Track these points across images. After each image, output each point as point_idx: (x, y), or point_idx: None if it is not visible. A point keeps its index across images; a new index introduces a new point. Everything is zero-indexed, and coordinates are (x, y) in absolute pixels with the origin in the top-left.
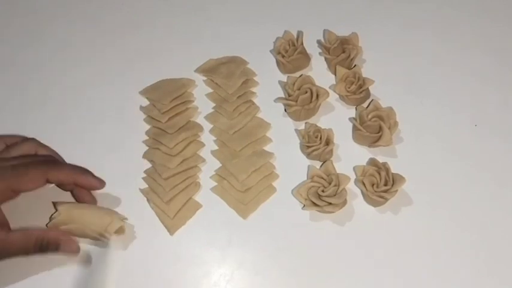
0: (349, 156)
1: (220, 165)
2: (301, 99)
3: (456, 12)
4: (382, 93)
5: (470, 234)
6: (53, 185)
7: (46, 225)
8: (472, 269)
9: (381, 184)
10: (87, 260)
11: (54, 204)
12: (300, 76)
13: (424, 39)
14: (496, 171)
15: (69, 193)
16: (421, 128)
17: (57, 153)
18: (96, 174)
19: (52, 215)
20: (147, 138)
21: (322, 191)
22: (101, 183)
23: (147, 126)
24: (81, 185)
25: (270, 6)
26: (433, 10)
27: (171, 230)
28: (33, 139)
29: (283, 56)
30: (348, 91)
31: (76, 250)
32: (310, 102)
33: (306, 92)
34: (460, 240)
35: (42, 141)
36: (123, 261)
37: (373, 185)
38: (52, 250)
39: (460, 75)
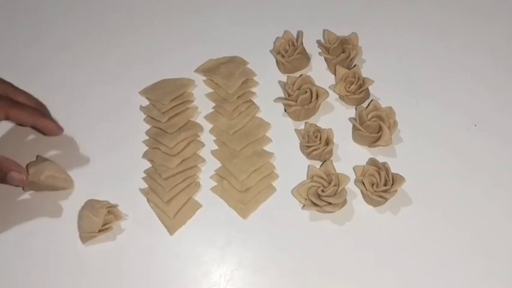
0: (349, 156)
1: (220, 165)
2: (301, 99)
3: (456, 13)
4: (381, 93)
5: (469, 234)
6: None
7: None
8: (471, 269)
9: (380, 184)
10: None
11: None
12: (300, 76)
13: (424, 39)
14: (496, 171)
15: None
16: (421, 128)
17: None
18: (96, 174)
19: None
20: (147, 138)
21: (322, 190)
22: (59, 129)
23: (147, 126)
24: (40, 128)
25: (270, 6)
26: (433, 10)
27: (171, 230)
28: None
29: (283, 56)
30: (347, 91)
31: (24, 183)
32: (310, 102)
33: (306, 92)
34: (459, 239)
35: (42, 142)
36: (123, 261)
37: (372, 185)
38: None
39: (459, 75)
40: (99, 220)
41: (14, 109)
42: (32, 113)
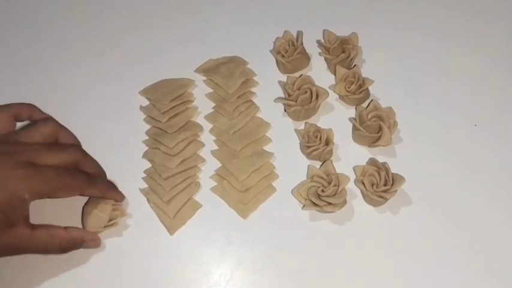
0: (349, 156)
1: (220, 165)
2: (301, 99)
3: (456, 13)
4: (381, 93)
5: (469, 234)
6: None
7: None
8: (471, 269)
9: (380, 184)
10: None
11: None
12: (300, 76)
13: (424, 39)
14: (496, 171)
15: None
16: (421, 128)
17: (75, 136)
18: None
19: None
20: (147, 138)
21: (322, 191)
22: (123, 197)
23: (147, 126)
24: (108, 198)
25: (270, 6)
26: (433, 10)
27: (171, 230)
28: (51, 119)
29: (283, 56)
30: (347, 91)
31: (99, 245)
32: (310, 102)
33: (306, 92)
34: (459, 239)
35: None
36: (123, 261)
37: (372, 185)
38: (75, 249)
39: (459, 75)
40: (105, 216)
41: (89, 188)
42: (103, 188)
